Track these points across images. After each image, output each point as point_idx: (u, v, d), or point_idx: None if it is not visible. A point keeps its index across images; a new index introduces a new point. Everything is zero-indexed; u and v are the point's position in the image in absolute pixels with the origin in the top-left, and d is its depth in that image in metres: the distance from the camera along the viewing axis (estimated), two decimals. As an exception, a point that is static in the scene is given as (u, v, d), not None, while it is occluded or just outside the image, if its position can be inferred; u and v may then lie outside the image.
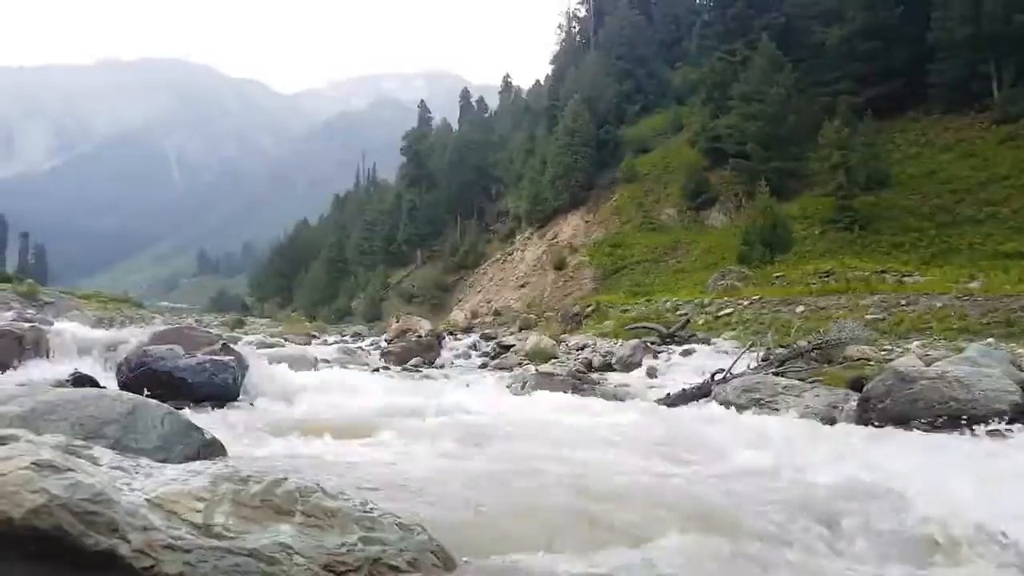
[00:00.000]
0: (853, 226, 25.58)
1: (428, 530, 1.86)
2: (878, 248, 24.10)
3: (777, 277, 20.10)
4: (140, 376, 4.68)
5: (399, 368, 10.78)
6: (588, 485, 2.93)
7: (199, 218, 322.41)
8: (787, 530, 2.43)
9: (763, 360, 8.42)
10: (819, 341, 8.58)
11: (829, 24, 32.91)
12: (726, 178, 34.09)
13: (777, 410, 5.32)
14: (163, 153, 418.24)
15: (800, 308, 14.58)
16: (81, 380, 4.39)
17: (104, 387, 4.18)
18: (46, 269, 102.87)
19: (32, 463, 1.62)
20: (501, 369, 10.96)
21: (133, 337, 6.63)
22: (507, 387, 7.61)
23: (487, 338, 19.05)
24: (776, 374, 6.89)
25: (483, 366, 12.38)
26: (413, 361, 11.92)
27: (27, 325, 6.44)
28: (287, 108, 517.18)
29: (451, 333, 22.10)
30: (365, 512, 1.80)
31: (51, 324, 8.72)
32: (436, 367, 11.70)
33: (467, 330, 26.07)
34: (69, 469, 1.65)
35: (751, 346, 9.50)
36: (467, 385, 8.08)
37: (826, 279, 17.89)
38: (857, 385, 5.97)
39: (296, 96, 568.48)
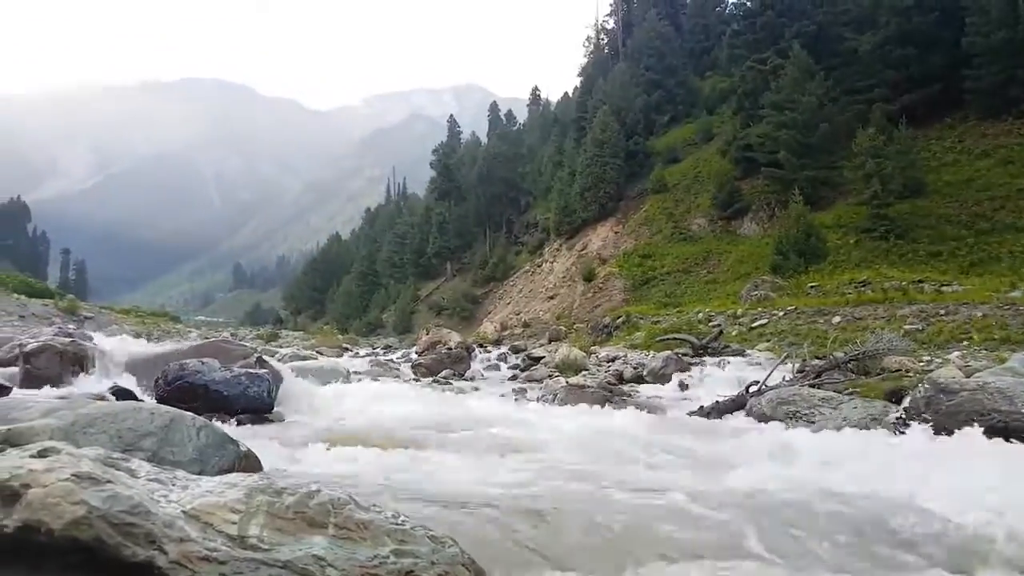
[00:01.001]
0: (889, 235, 25.07)
1: (459, 543, 1.85)
2: (915, 257, 23.58)
3: (812, 287, 19.77)
4: (177, 389, 4.76)
5: (429, 380, 10.82)
6: (618, 501, 2.90)
7: (235, 234, 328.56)
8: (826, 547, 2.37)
9: (799, 372, 8.28)
10: (856, 352, 8.41)
11: (861, 31, 32.42)
12: (758, 187, 33.69)
13: (814, 423, 5.22)
14: (200, 171, 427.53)
15: (836, 319, 14.32)
16: (119, 393, 4.48)
17: (142, 400, 4.27)
18: (86, 285, 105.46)
19: (72, 475, 1.65)
20: (531, 381, 10.92)
21: (170, 351, 6.76)
22: (537, 399, 7.59)
23: (516, 350, 19.04)
24: (812, 386, 6.76)
25: (513, 378, 12.34)
26: (443, 373, 11.94)
27: (67, 340, 6.59)
28: (321, 126, 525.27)
29: (481, 345, 22.15)
30: (397, 525, 1.81)
31: (90, 339, 8.94)
32: (466, 379, 11.70)
33: (497, 342, 26.11)
34: (108, 481, 1.68)
35: (786, 358, 9.36)
36: (499, 397, 8.07)
37: (862, 289, 17.53)
38: (895, 397, 5.84)
39: (330, 113, 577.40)
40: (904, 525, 2.59)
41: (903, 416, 4.80)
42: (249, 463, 3.09)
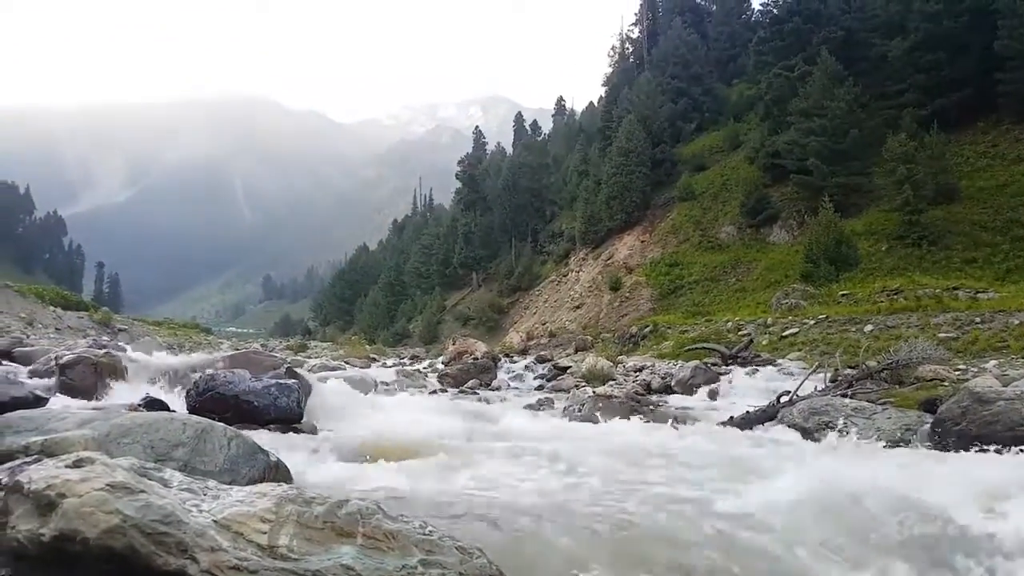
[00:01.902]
0: (921, 242, 24.61)
1: (487, 554, 1.85)
2: (949, 264, 23.09)
3: (843, 295, 19.47)
4: (208, 400, 4.82)
5: (456, 390, 10.84)
6: (646, 512, 2.87)
7: (265, 246, 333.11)
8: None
9: (831, 381, 8.15)
10: (889, 361, 8.25)
11: (890, 36, 32.00)
12: (787, 194, 33.32)
13: (846, 433, 5.12)
14: (230, 184, 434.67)
15: (868, 327, 14.07)
16: (152, 404, 4.55)
17: (174, 411, 4.33)
18: (120, 297, 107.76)
19: (107, 485, 1.68)
20: (557, 391, 10.88)
21: (201, 362, 6.86)
22: (564, 409, 7.55)
23: (543, 360, 18.98)
24: (845, 396, 6.65)
25: (539, 388, 12.32)
26: (470, 383, 11.96)
27: (102, 352, 6.72)
28: (349, 138, 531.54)
29: (507, 355, 22.13)
30: (425, 535, 1.81)
31: (124, 350, 9.11)
32: (492, 389, 11.70)
33: (523, 352, 26.06)
34: (141, 491, 1.70)
35: (818, 367, 9.22)
36: (525, 407, 8.05)
37: (895, 297, 17.21)
38: (930, 406, 5.72)
39: (357, 126, 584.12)
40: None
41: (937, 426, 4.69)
42: (279, 473, 3.12)
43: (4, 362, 7.90)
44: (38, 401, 3.69)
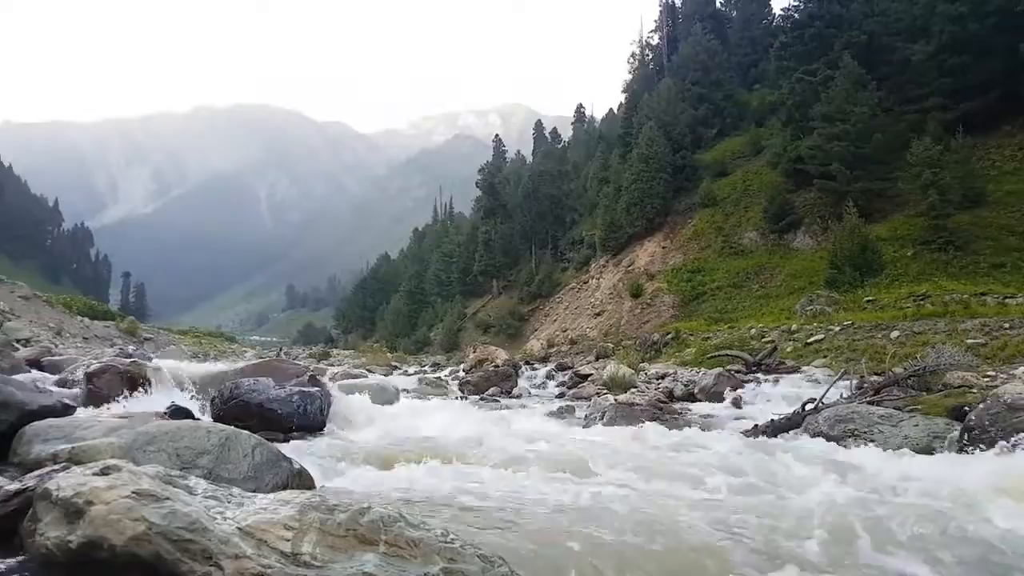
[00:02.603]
0: (948, 247, 24.22)
1: (508, 562, 1.84)
2: (976, 269, 22.68)
3: (868, 301, 19.20)
4: (232, 408, 4.86)
5: (477, 398, 10.83)
6: (670, 520, 2.84)
7: (288, 255, 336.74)
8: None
9: (857, 388, 8.03)
10: (916, 368, 8.11)
11: (914, 40, 31.62)
12: (810, 200, 32.97)
13: (873, 441, 5.04)
14: (254, 194, 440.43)
15: (894, 333, 13.85)
16: (177, 412, 4.59)
17: (199, 419, 4.37)
18: (145, 306, 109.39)
19: (133, 492, 1.70)
20: (578, 399, 10.83)
21: (226, 370, 6.92)
22: (585, 417, 7.52)
23: (563, 367, 18.93)
24: (871, 403, 6.54)
25: (560, 395, 12.28)
26: (491, 391, 11.95)
27: (128, 360, 6.80)
28: (370, 148, 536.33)
29: (528, 362, 22.11)
30: (446, 543, 1.80)
31: (150, 359, 9.22)
32: (513, 396, 11.68)
33: (543, 359, 26.01)
34: (167, 498, 1.72)
35: (843, 374, 9.10)
36: (546, 414, 8.03)
37: (921, 303, 16.93)
38: (958, 414, 5.61)
39: (379, 135, 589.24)
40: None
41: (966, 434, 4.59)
42: (302, 480, 3.13)
43: (33, 371, 8.03)
44: (66, 409, 3.74)
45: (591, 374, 14.51)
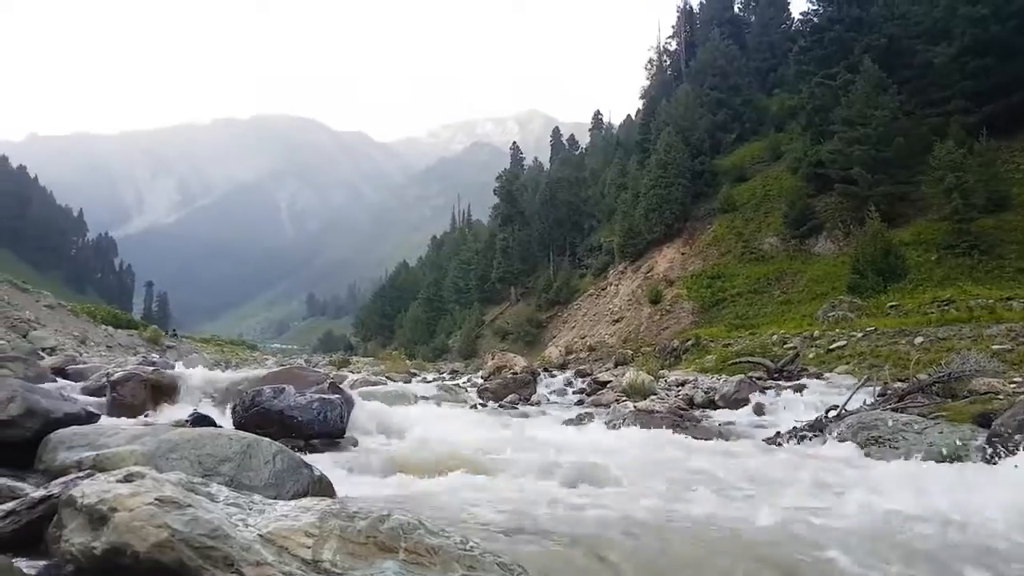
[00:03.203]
0: (972, 251, 23.88)
1: (528, 570, 1.82)
2: (1002, 274, 22.32)
3: (892, 307, 18.95)
4: (253, 415, 4.89)
5: (496, 405, 10.82)
6: (688, 530, 2.81)
7: (308, 264, 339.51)
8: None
9: (880, 395, 7.92)
10: (941, 374, 7.98)
11: (936, 42, 31.32)
12: (832, 204, 32.68)
13: (897, 448, 4.96)
14: (275, 203, 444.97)
15: (918, 339, 13.66)
16: (200, 420, 4.63)
17: (221, 426, 4.40)
18: (168, 315, 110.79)
19: (156, 499, 1.71)
20: (597, 406, 10.77)
21: (247, 378, 6.98)
22: (605, 424, 7.48)
23: (582, 374, 18.85)
24: (895, 410, 6.45)
25: (579, 403, 12.22)
26: (509, 398, 11.92)
27: (151, 369, 6.89)
28: (388, 156, 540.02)
29: (546, 369, 22.06)
30: (466, 550, 1.79)
31: (173, 367, 9.33)
32: (532, 404, 11.63)
33: (562, 366, 25.96)
34: (189, 505, 1.73)
35: (867, 380, 8.98)
36: (565, 422, 7.99)
37: (945, 308, 16.68)
38: (984, 421, 5.51)
39: (397, 144, 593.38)
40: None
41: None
42: (322, 487, 3.14)
43: (58, 379, 8.15)
44: (90, 417, 3.79)
45: (610, 381, 14.44)
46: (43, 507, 1.99)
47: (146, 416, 5.56)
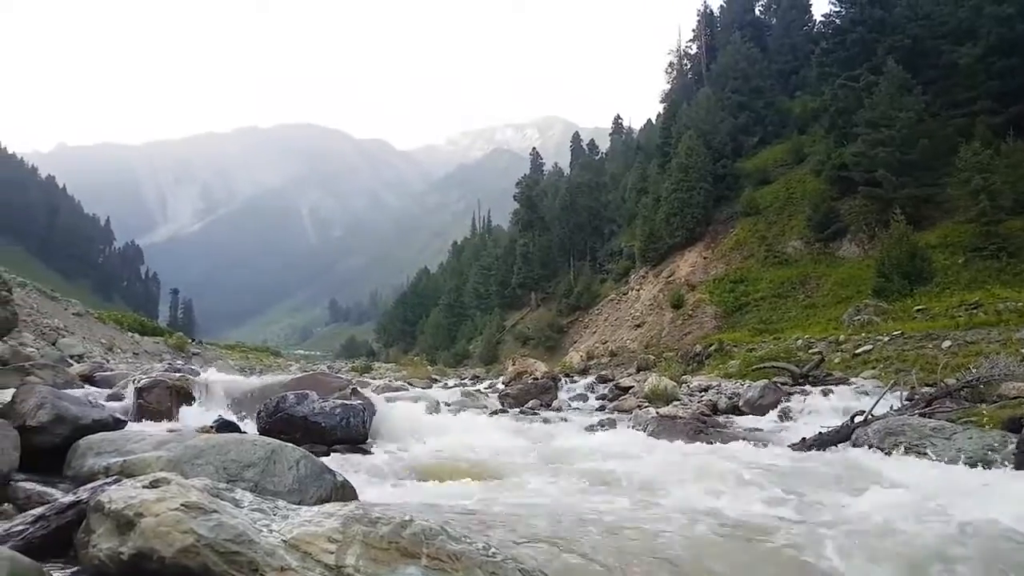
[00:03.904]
0: (1000, 253, 23.45)
1: (552, 578, 1.81)
2: (1032, 276, 21.91)
3: (918, 310, 18.64)
4: (277, 421, 4.94)
5: (517, 410, 10.80)
6: (712, 536, 2.78)
7: (330, 271, 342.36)
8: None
9: (907, 400, 7.80)
10: (969, 379, 7.84)
11: (960, 43, 30.88)
12: (856, 207, 32.28)
13: (925, 454, 4.88)
14: (297, 211, 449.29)
15: (946, 343, 13.41)
16: (224, 426, 4.68)
17: (245, 432, 4.44)
18: (193, 322, 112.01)
19: (182, 505, 1.73)
20: (619, 411, 10.72)
21: (271, 384, 7.04)
22: (627, 429, 7.44)
23: (604, 380, 18.76)
24: (923, 415, 6.34)
25: (601, 408, 12.16)
26: (530, 403, 11.90)
27: (176, 375, 6.96)
28: (409, 164, 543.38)
29: (567, 375, 21.96)
30: (488, 556, 1.79)
31: (198, 374, 9.43)
32: (553, 409, 11.60)
33: (583, 372, 25.83)
34: (214, 511, 1.74)
35: (893, 385, 8.85)
36: (586, 427, 7.96)
37: (973, 311, 16.35)
38: (1015, 426, 5.42)
39: (417, 152, 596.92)
40: None
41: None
42: (345, 492, 3.15)
43: (86, 386, 8.28)
44: (117, 423, 3.84)
45: (632, 387, 14.36)
46: (72, 512, 2.02)
47: (172, 422, 5.62)
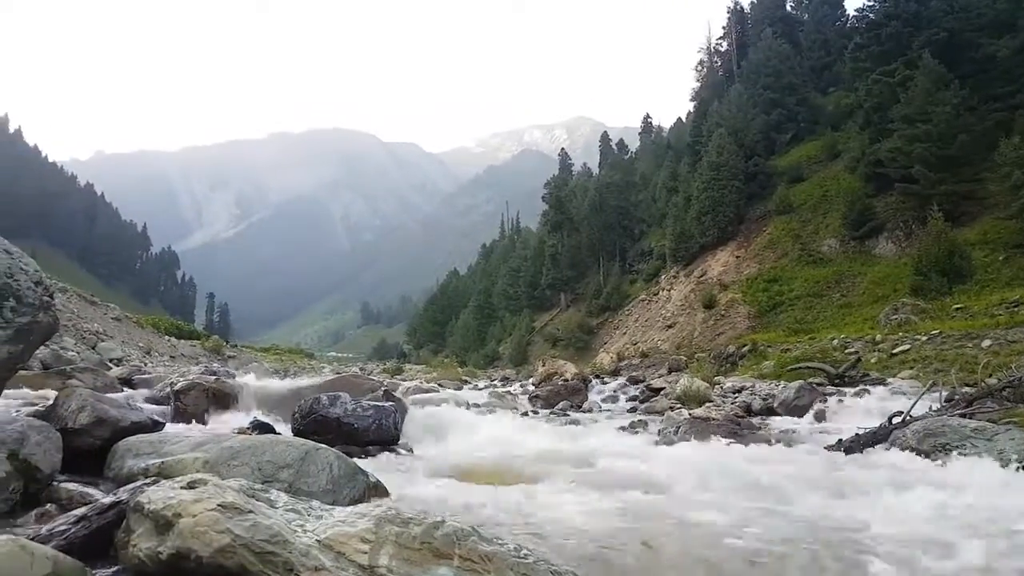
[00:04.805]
0: (1042, 250, 22.86)
1: (584, 580, 1.80)
2: (1076, 273, 21.29)
3: (957, 309, 18.19)
4: (311, 422, 4.99)
5: (547, 412, 10.77)
6: (749, 540, 2.74)
7: (362, 273, 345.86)
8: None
9: (947, 401, 7.61)
10: (1011, 378, 7.60)
11: (999, 35, 30.13)
12: (892, 204, 31.65)
13: (966, 456, 4.75)
14: (329, 215, 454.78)
15: (986, 342, 13.06)
16: (260, 427, 4.74)
17: (280, 433, 4.49)
18: (229, 326, 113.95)
19: (218, 505, 1.76)
20: (651, 413, 10.62)
21: (305, 386, 7.12)
22: (659, 432, 7.37)
23: (635, 381, 18.61)
24: (963, 416, 6.18)
25: (632, 410, 12.07)
26: (560, 405, 11.85)
27: (213, 378, 7.08)
28: (438, 166, 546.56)
29: (597, 376, 21.85)
30: (519, 558, 1.79)
31: (234, 376, 9.58)
32: (584, 411, 11.55)
33: (614, 373, 25.67)
34: (250, 511, 1.77)
35: (932, 386, 8.65)
36: (618, 429, 7.91)
37: (1014, 309, 15.91)
38: (1061, 427, 5.24)
39: (446, 154, 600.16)
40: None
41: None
42: (377, 493, 3.17)
43: (125, 389, 8.46)
44: (155, 425, 3.92)
45: (664, 388, 14.22)
46: (112, 513, 2.06)
47: (208, 424, 5.72)
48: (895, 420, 6.34)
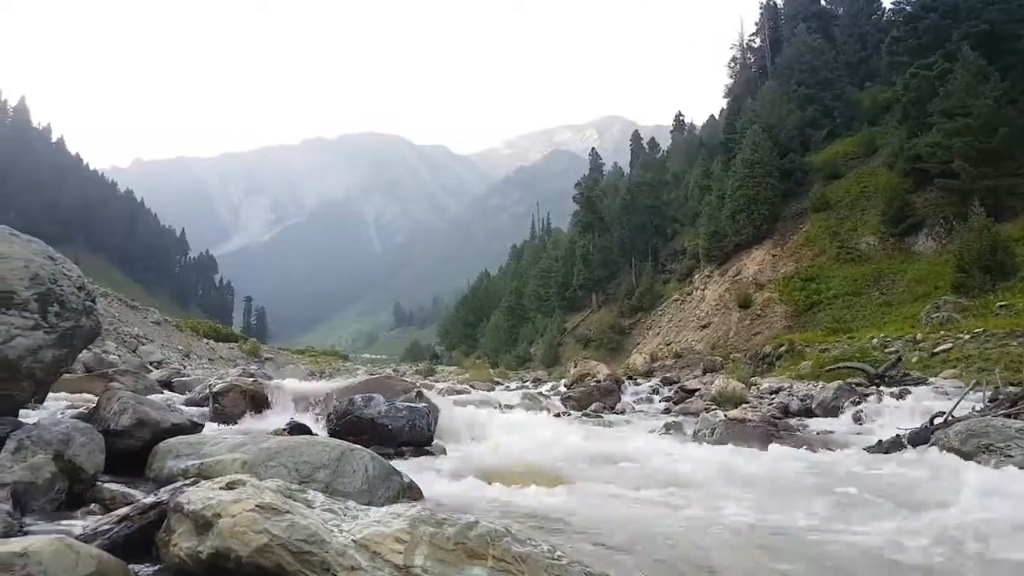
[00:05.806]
0: (1089, 245, 22.11)
1: (619, 583, 1.79)
2: (1123, 269, 20.54)
3: (1001, 307, 17.71)
4: (346, 423, 5.04)
5: (580, 413, 10.74)
6: (786, 542, 2.70)
7: (395, 276, 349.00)
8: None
9: (990, 401, 7.41)
10: (1063, 378, 7.39)
11: (1041, 26, 29.32)
12: (932, 200, 30.92)
13: (1010, 457, 4.61)
14: (362, 219, 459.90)
15: (1033, 341, 12.69)
16: (296, 428, 4.80)
17: (316, 434, 4.55)
18: (266, 328, 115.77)
19: (256, 506, 1.78)
20: (685, 415, 10.53)
21: (340, 387, 7.19)
22: (694, 433, 7.30)
23: (668, 382, 18.47)
24: (1007, 416, 6.00)
25: (666, 411, 11.97)
26: (593, 406, 11.81)
27: (250, 380, 7.19)
28: (468, 168, 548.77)
29: (630, 377, 21.73)
30: (554, 560, 1.78)
31: (271, 378, 9.72)
32: (617, 412, 11.49)
33: (647, 374, 25.53)
34: (287, 511, 1.79)
35: (975, 385, 8.43)
36: (652, 431, 7.85)
37: (1062, 307, 15.47)
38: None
39: (477, 156, 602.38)
40: None
41: None
42: (412, 493, 3.19)
43: (165, 391, 8.65)
44: (195, 427, 3.99)
45: (698, 389, 14.10)
46: (153, 513, 2.11)
47: (246, 425, 5.81)
48: (937, 420, 6.20)
